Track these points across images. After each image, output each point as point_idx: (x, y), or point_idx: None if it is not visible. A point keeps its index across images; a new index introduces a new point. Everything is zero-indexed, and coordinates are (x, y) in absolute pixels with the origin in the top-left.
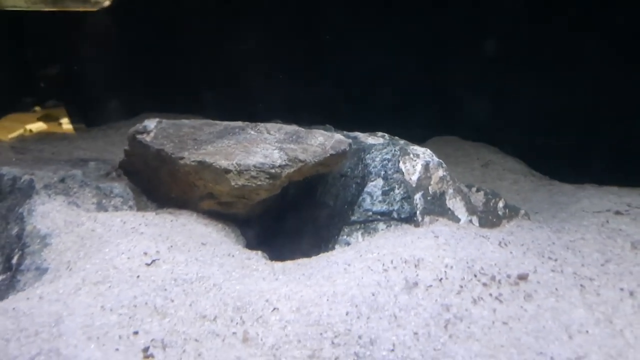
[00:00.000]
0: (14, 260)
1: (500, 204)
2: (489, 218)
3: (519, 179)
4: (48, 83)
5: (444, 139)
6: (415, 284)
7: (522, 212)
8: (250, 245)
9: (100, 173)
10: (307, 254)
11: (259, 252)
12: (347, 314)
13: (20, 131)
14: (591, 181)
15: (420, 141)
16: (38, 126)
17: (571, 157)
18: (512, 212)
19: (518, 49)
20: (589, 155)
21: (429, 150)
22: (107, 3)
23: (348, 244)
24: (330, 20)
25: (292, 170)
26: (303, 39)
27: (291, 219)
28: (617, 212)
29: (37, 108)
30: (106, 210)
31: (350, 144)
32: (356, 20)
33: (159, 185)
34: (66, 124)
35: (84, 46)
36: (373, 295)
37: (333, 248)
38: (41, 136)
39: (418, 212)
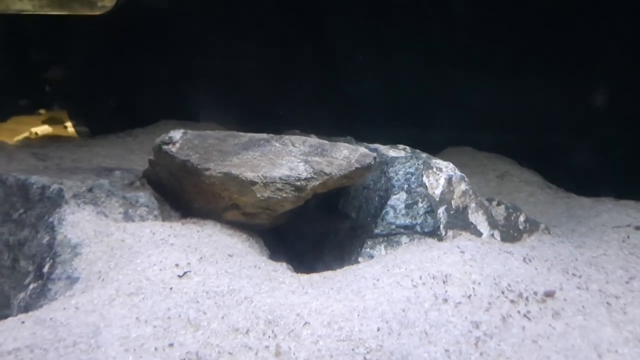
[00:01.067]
0: (45, 269)
1: (521, 218)
2: (510, 232)
3: (536, 191)
4: (52, 86)
5: (458, 149)
6: (445, 300)
7: (542, 226)
8: (272, 256)
9: (124, 182)
10: (330, 266)
11: (284, 264)
12: (378, 329)
13: (25, 134)
14: (609, 195)
15: (435, 151)
16: (43, 129)
17: (588, 169)
18: (532, 226)
19: (533, 58)
20: (607, 168)
21: (451, 164)
22: (110, 4)
23: (371, 256)
24: (339, 28)
25: (317, 183)
26: (313, 48)
27: (312, 230)
28: (638, 228)
29: (42, 111)
30: (133, 220)
31: (375, 158)
32: (365, 27)
33: (183, 195)
34: (71, 128)
35: (90, 50)
36: (403, 311)
37: (356, 260)
38: (56, 141)
39: (441, 226)
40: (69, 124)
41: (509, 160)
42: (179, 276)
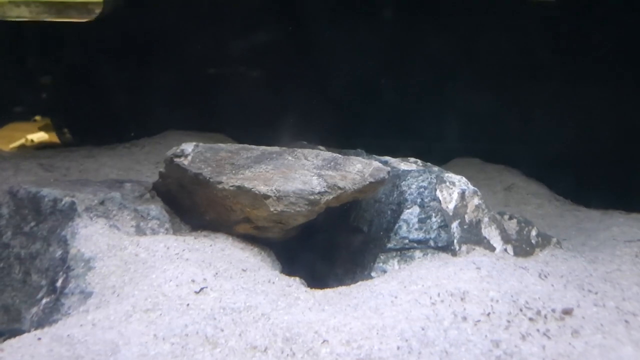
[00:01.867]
0: (58, 283)
1: (533, 232)
2: (522, 247)
3: (544, 204)
4: (45, 93)
5: (465, 160)
6: (464, 318)
7: (554, 240)
8: (284, 270)
9: (135, 195)
10: (342, 280)
11: (297, 279)
12: (398, 348)
13: (21, 141)
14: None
15: (441, 162)
16: (39, 136)
17: (597, 182)
18: (544, 240)
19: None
20: (618, 181)
21: (464, 178)
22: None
23: (384, 271)
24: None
25: (331, 197)
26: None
27: (323, 243)
28: None
29: (38, 117)
30: (144, 234)
31: (389, 172)
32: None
33: (193, 207)
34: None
35: (81, 57)
36: (423, 329)
37: (369, 275)
38: (62, 151)
39: (455, 240)
40: (64, 130)
41: (516, 172)
42: (196, 292)
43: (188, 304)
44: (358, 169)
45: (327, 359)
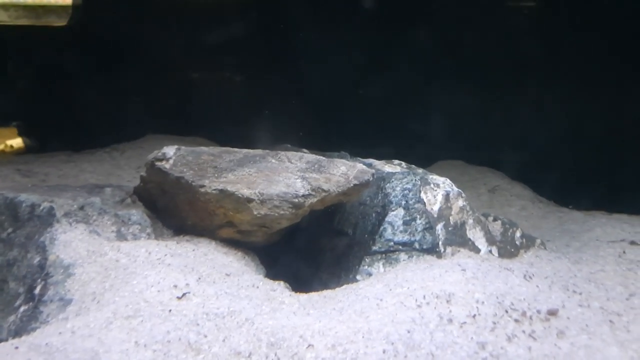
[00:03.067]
0: (37, 291)
1: (518, 234)
2: (507, 248)
3: (527, 205)
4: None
5: (449, 162)
6: (450, 320)
7: (538, 241)
8: (268, 274)
9: (115, 200)
10: (327, 284)
11: (282, 283)
12: (384, 352)
13: (1, 147)
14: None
15: (425, 165)
16: (19, 142)
17: (581, 183)
18: (528, 241)
19: (516, 67)
20: (600, 183)
21: (448, 180)
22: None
23: (369, 274)
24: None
25: (315, 200)
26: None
27: (307, 247)
28: (633, 243)
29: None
30: (126, 239)
31: (373, 174)
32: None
33: (175, 212)
34: (16, 142)
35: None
36: (408, 332)
37: (355, 279)
38: (40, 156)
39: (440, 242)
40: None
41: (500, 174)
42: (178, 298)
43: (170, 310)
44: (342, 172)
45: None
